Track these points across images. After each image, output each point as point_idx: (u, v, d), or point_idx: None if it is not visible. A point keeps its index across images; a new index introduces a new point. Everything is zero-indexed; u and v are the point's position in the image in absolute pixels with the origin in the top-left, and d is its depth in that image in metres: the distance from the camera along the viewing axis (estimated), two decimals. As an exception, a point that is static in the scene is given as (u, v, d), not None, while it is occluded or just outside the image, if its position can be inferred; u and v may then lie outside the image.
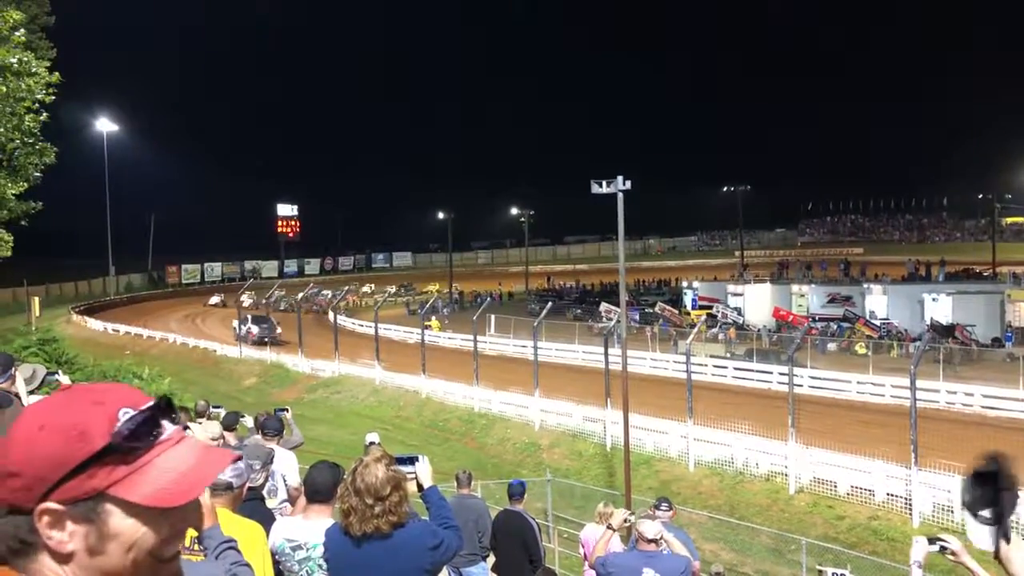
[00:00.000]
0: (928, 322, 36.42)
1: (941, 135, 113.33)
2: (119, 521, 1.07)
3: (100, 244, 69.40)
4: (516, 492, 8.56)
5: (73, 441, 1.04)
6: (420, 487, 3.72)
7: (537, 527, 8.53)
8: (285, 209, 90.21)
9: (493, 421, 26.78)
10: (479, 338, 31.44)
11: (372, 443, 7.95)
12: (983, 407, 25.03)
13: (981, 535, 2.67)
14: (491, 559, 8.61)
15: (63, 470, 1.03)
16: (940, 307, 37.56)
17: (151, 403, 1.10)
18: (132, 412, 1.07)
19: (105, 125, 65.79)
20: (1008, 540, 2.64)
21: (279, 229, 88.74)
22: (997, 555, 2.70)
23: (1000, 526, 2.61)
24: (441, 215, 76.04)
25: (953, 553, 3.27)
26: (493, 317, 42.60)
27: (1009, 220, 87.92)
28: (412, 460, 3.74)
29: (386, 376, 32.45)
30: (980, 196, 77.65)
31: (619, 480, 19.76)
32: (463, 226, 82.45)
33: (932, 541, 3.34)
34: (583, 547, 9.44)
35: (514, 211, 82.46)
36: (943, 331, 34.36)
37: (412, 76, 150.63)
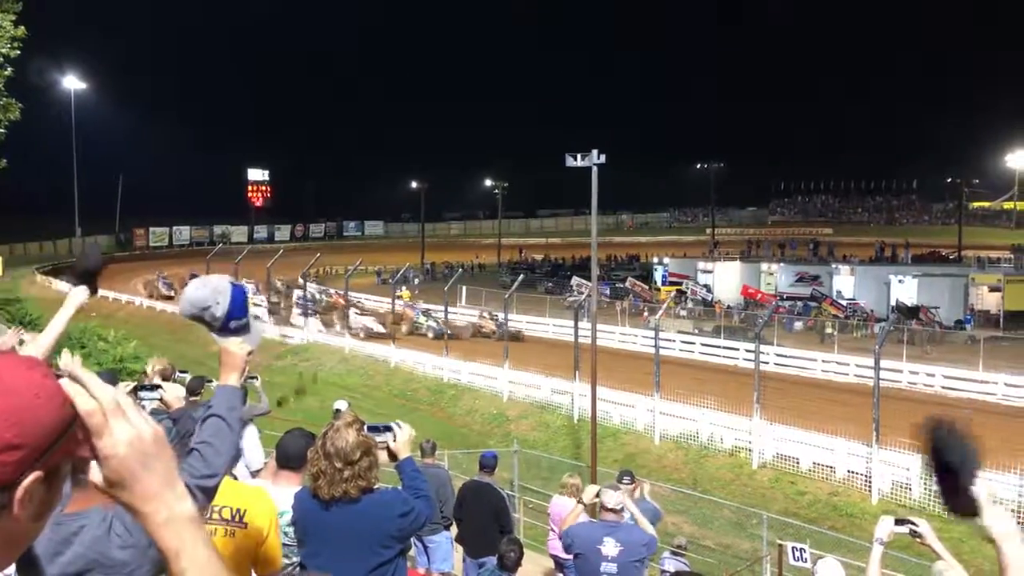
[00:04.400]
0: (894, 303, 36.98)
1: (913, 119, 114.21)
2: (64, 483, 1.05)
3: (66, 204, 68.19)
4: (488, 464, 8.62)
5: (62, 407, 1.00)
6: (392, 456, 3.72)
7: (507, 498, 8.61)
8: (256, 174, 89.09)
9: (462, 391, 26.86)
10: (450, 309, 31.46)
11: (339, 410, 7.94)
12: (944, 387, 25.53)
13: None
14: (453, 528, 8.67)
15: (55, 437, 0.99)
16: (906, 289, 38.10)
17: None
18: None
19: (72, 83, 64.37)
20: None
21: (249, 194, 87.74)
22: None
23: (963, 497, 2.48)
24: (414, 185, 75.60)
25: (920, 536, 3.29)
26: (464, 288, 42.59)
27: (975, 204, 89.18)
28: (386, 428, 3.74)
29: (355, 344, 32.38)
30: (948, 180, 78.65)
31: (585, 452, 19.94)
32: (436, 196, 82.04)
33: (900, 522, 3.35)
34: (550, 518, 9.56)
35: (488, 183, 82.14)
36: (908, 312, 34.91)
37: (395, 46, 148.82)
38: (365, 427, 3.58)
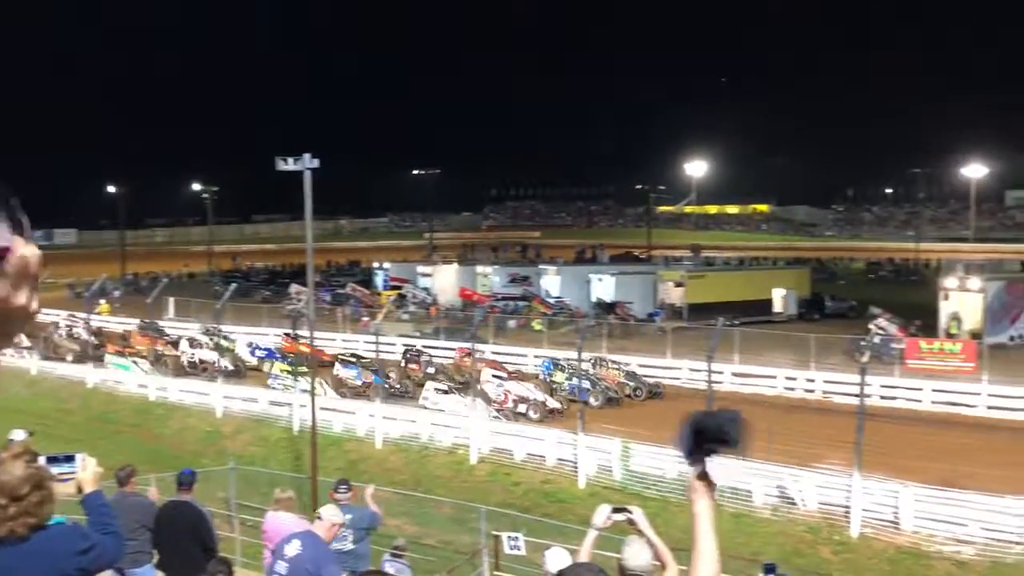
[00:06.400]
0: (594, 300, 40.02)
1: (609, 128, 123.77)
2: None
3: None
4: (185, 481, 8.22)
5: None
6: (80, 489, 3.47)
7: (209, 515, 8.24)
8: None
9: (171, 410, 25.29)
10: (157, 322, 29.49)
11: (13, 440, 7.18)
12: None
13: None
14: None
15: None
16: (604, 286, 41.34)
17: None
18: None
19: None
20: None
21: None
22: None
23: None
24: (112, 188, 69.79)
25: (634, 522, 3.64)
26: (172, 300, 40.00)
27: (662, 208, 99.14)
28: (69, 459, 3.47)
29: (45, 365, 29.30)
30: (638, 187, 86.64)
31: (306, 463, 19.56)
32: (138, 201, 76.35)
33: (617, 510, 3.68)
34: (264, 535, 9.26)
35: (196, 187, 77.73)
36: (606, 308, 37.93)
37: (88, 40, 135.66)
38: (44, 458, 3.31)
